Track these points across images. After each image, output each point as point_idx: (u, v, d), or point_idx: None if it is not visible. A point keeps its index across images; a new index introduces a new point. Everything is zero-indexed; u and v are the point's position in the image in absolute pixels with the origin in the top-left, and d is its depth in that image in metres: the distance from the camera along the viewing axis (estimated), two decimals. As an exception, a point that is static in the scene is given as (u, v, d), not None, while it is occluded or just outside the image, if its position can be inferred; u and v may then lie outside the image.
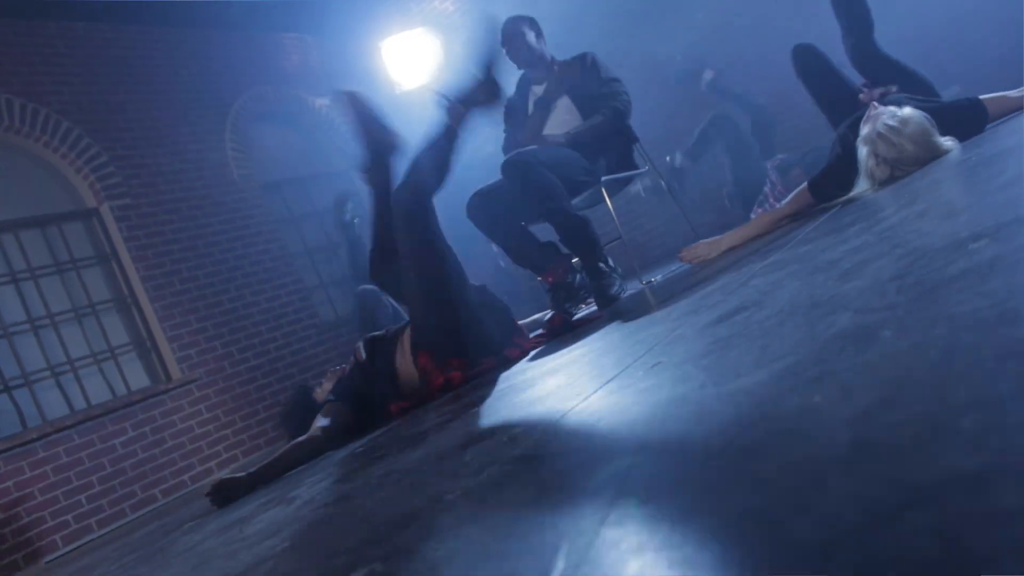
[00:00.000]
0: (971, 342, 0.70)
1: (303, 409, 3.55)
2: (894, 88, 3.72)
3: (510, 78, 4.80)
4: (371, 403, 3.35)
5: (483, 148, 5.70)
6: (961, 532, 0.42)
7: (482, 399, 2.25)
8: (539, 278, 3.89)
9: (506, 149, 4.68)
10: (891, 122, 3.05)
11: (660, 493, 0.72)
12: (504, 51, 4.61)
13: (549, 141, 4.21)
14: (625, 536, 0.66)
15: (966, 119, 3.33)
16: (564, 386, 1.75)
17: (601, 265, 3.80)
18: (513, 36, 4.56)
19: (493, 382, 2.59)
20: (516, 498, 0.96)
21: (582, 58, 4.58)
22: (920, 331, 0.82)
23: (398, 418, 3.03)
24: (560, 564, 0.65)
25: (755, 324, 1.35)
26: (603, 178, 4.34)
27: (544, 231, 4.03)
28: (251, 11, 7.55)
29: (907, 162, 3.00)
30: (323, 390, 3.63)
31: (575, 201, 4.36)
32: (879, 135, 3.06)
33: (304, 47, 8.42)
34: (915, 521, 0.45)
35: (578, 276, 3.79)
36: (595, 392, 1.45)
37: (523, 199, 3.90)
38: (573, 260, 3.87)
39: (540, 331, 3.52)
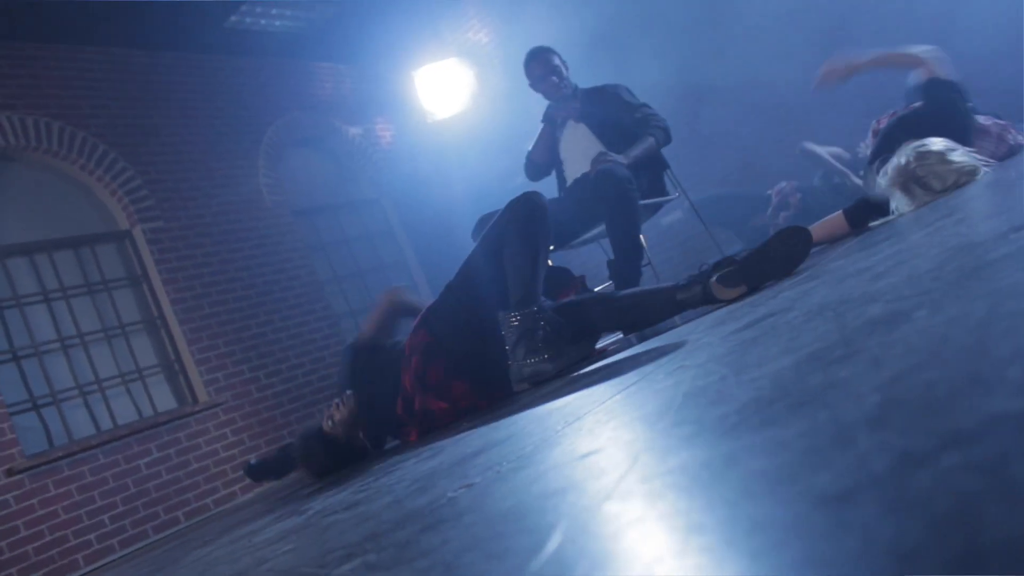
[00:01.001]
0: (1015, 307, 0.64)
1: (318, 443, 3.47)
2: None
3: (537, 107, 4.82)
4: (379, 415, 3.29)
5: (512, 179, 5.69)
6: (1009, 465, 0.36)
7: (500, 412, 2.19)
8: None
9: (528, 170, 4.72)
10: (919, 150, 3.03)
11: (668, 469, 0.66)
12: (528, 81, 4.65)
13: (610, 159, 4.11)
14: (626, 509, 0.60)
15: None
16: (583, 395, 1.69)
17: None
18: (541, 74, 4.59)
19: (510, 400, 2.53)
20: (519, 489, 0.90)
21: (608, 88, 4.57)
22: (958, 306, 0.75)
23: (415, 441, 2.97)
24: (556, 538, 0.59)
25: (782, 324, 1.29)
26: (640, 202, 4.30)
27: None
28: (286, 40, 7.63)
29: (939, 179, 2.95)
30: (332, 417, 3.57)
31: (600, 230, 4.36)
32: (910, 164, 3.02)
33: (338, 76, 8.49)
34: (953, 460, 0.39)
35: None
36: (612, 397, 1.39)
37: (600, 209, 3.90)
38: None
39: None
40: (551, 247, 3.92)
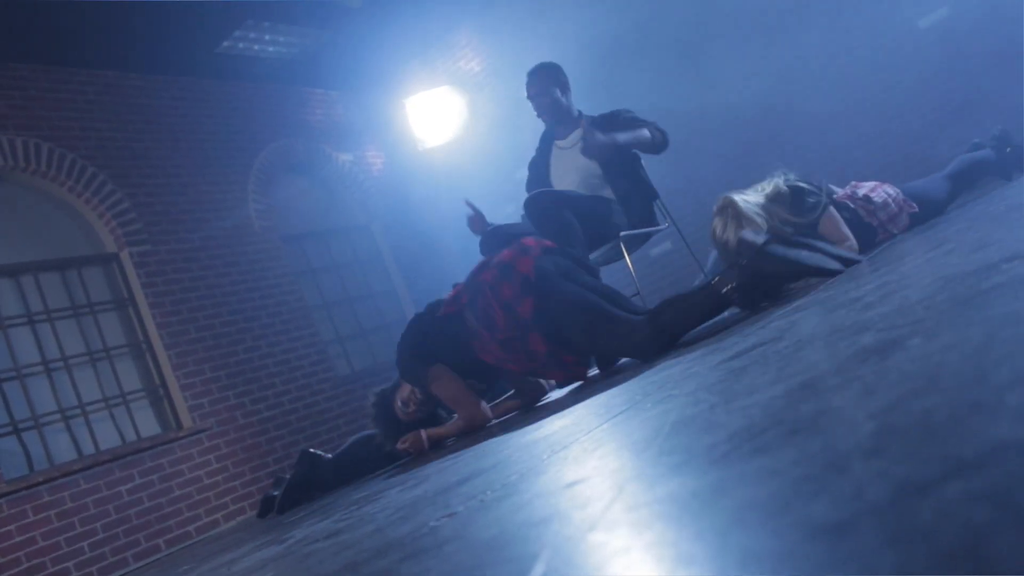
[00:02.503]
0: (1012, 334, 0.63)
1: (386, 415, 3.64)
2: None
3: (535, 132, 4.80)
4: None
5: (503, 207, 5.68)
6: (1015, 494, 0.34)
7: (486, 441, 2.17)
8: None
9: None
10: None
11: (656, 498, 0.64)
12: (532, 104, 4.58)
13: (599, 141, 4.06)
14: (612, 539, 0.57)
15: None
16: (570, 425, 1.66)
17: None
18: (539, 90, 4.53)
19: (498, 427, 2.50)
20: (502, 519, 0.87)
21: (615, 113, 4.52)
22: (953, 334, 0.73)
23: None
24: (539, 568, 0.57)
25: (772, 353, 1.27)
26: (622, 233, 4.27)
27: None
28: (278, 66, 7.64)
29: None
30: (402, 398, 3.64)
31: (593, 255, 4.30)
32: None
33: (329, 102, 8.50)
34: (956, 489, 0.37)
35: None
36: (600, 426, 1.37)
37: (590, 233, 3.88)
38: None
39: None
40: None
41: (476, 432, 3.19)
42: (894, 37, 5.85)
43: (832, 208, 3.60)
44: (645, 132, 4.25)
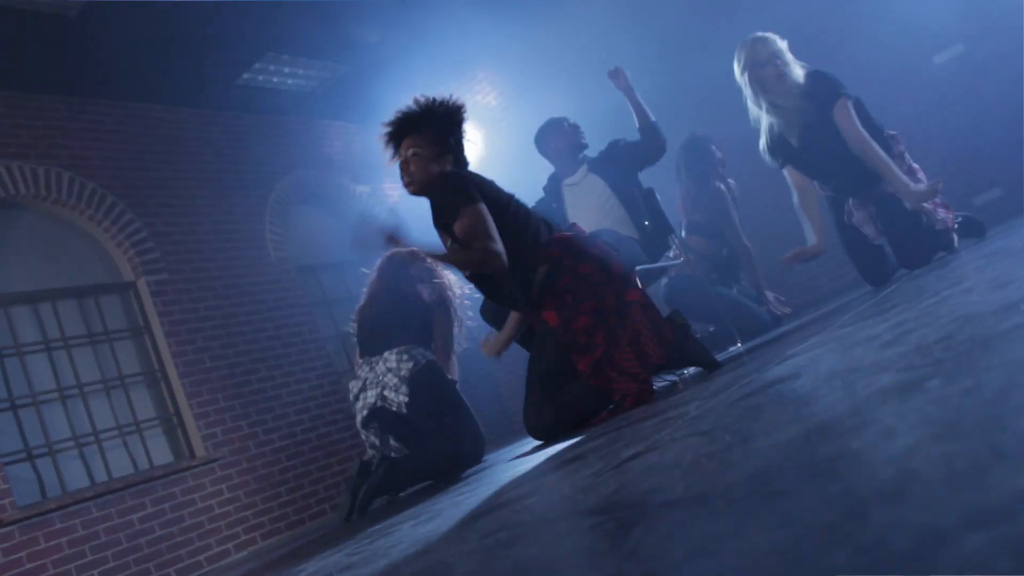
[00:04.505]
0: (1033, 380, 0.62)
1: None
2: None
3: (541, 177, 4.87)
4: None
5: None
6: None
7: (499, 473, 2.16)
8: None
9: None
10: None
11: (670, 545, 0.64)
12: (538, 148, 4.73)
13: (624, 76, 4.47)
14: (632, 581, 0.57)
15: None
16: (590, 460, 1.66)
17: None
18: (547, 137, 4.65)
19: (519, 454, 2.49)
20: (521, 555, 0.87)
21: (614, 143, 4.62)
22: (972, 377, 0.73)
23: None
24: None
25: (790, 392, 1.26)
26: (637, 268, 4.27)
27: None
28: (298, 98, 7.71)
29: None
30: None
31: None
32: None
33: (347, 134, 8.56)
34: (980, 540, 0.37)
35: None
36: (617, 465, 1.36)
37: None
38: None
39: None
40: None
41: (488, 268, 3.10)
42: (910, 72, 5.86)
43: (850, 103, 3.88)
44: (651, 117, 4.49)
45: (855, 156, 3.91)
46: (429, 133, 3.33)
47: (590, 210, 4.44)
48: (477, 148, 8.40)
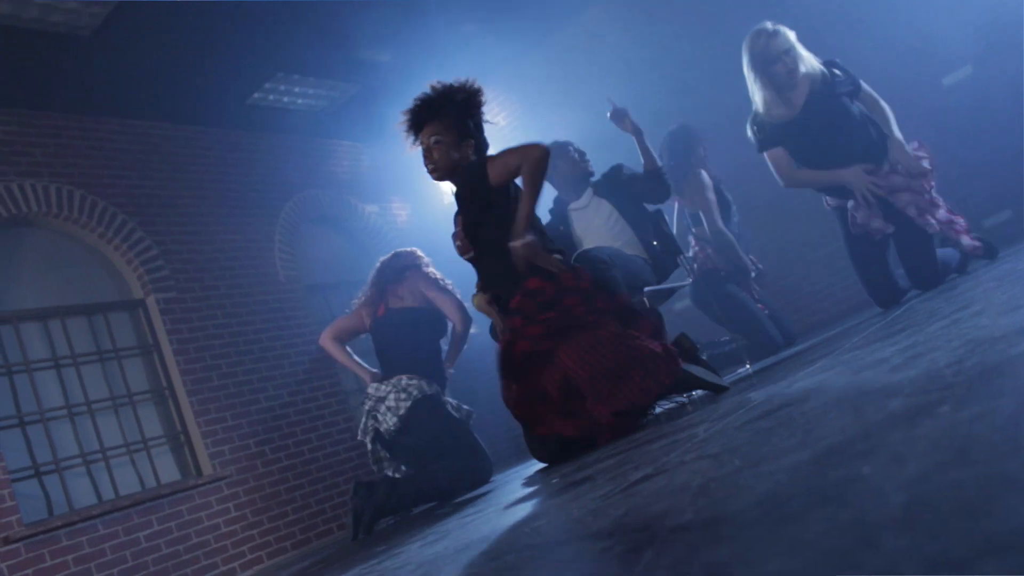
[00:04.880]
0: (1044, 406, 0.62)
1: None
2: None
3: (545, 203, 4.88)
4: None
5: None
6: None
7: (516, 487, 2.15)
8: None
9: None
10: None
11: (680, 571, 0.64)
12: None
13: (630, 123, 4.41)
14: (642, 606, 0.57)
15: None
16: (597, 482, 1.65)
17: None
18: (552, 161, 4.63)
19: (527, 476, 2.49)
20: (528, 579, 0.87)
21: (617, 167, 4.63)
22: (983, 403, 0.73)
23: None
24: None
25: (799, 415, 1.26)
26: (646, 289, 4.27)
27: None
28: (307, 117, 7.75)
29: None
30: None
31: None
32: None
33: (356, 154, 8.60)
34: (991, 569, 0.37)
35: None
36: (623, 488, 1.36)
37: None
38: None
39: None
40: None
41: (544, 161, 3.12)
42: (919, 95, 5.87)
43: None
44: (657, 162, 4.49)
45: (859, 132, 3.92)
46: (449, 119, 3.36)
47: (599, 233, 4.44)
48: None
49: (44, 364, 5.63)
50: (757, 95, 4.11)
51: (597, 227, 4.47)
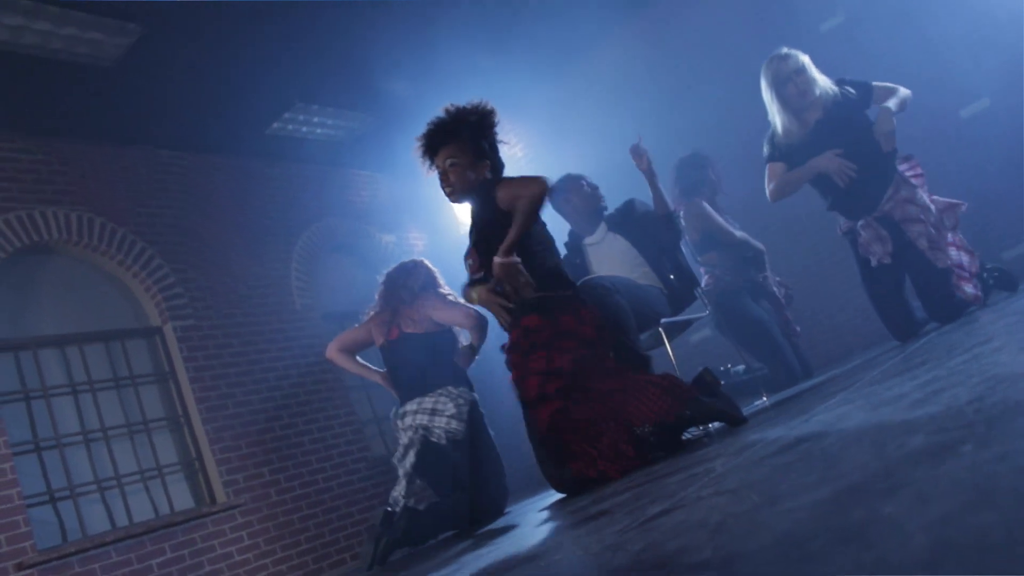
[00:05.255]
0: (1069, 447, 0.61)
1: None
2: None
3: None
4: None
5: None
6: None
7: (533, 519, 2.13)
8: None
9: None
10: None
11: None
12: (552, 205, 4.68)
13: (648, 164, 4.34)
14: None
15: None
16: (615, 515, 1.64)
17: None
18: (566, 195, 4.63)
19: (543, 507, 2.47)
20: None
21: (630, 203, 4.62)
22: (1006, 443, 0.72)
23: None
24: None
25: (818, 451, 1.25)
26: (662, 320, 4.26)
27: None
28: (326, 147, 7.82)
29: None
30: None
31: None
32: None
33: (374, 183, 8.66)
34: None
35: None
36: (641, 523, 1.35)
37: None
38: None
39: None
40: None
41: (542, 198, 3.13)
42: (937, 127, 5.86)
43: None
44: (669, 207, 4.46)
45: (869, 148, 3.92)
46: (464, 141, 3.40)
47: (614, 266, 4.43)
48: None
49: (61, 390, 5.66)
50: (776, 118, 4.13)
51: (612, 261, 4.47)
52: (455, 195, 3.42)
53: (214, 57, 5.88)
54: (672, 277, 4.42)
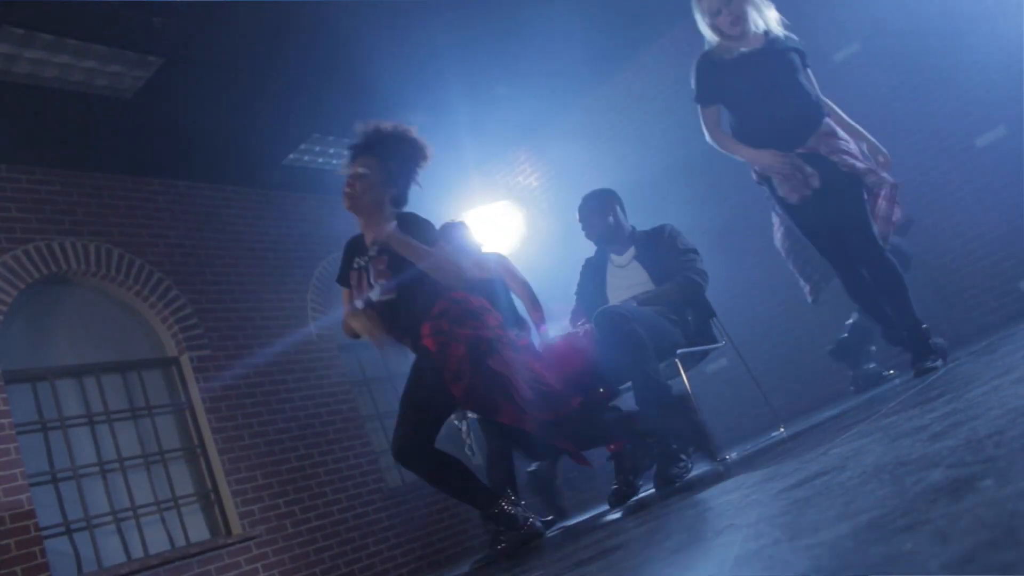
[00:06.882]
0: (1092, 484, 0.61)
1: None
2: None
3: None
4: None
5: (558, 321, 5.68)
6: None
7: (536, 559, 2.12)
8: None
9: (573, 321, 4.65)
10: None
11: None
12: (587, 219, 4.64)
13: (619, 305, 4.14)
14: None
15: None
16: (630, 549, 1.63)
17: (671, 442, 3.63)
18: (591, 213, 4.60)
19: (546, 550, 2.45)
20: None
21: (660, 230, 4.57)
22: (1028, 478, 0.71)
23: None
24: None
25: (836, 485, 1.24)
26: (678, 351, 4.23)
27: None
28: (341, 179, 7.83)
29: None
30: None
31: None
32: None
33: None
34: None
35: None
36: (661, 556, 1.34)
37: (610, 353, 3.83)
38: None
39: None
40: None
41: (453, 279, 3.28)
42: (952, 156, 5.86)
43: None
44: (669, 285, 4.27)
45: (798, 90, 3.74)
46: (386, 162, 3.43)
47: (629, 293, 4.42)
48: (519, 229, 8.47)
49: (78, 420, 5.68)
50: (705, 33, 3.87)
51: (629, 287, 4.46)
52: (354, 205, 3.45)
53: (231, 89, 5.96)
54: (688, 309, 4.40)
